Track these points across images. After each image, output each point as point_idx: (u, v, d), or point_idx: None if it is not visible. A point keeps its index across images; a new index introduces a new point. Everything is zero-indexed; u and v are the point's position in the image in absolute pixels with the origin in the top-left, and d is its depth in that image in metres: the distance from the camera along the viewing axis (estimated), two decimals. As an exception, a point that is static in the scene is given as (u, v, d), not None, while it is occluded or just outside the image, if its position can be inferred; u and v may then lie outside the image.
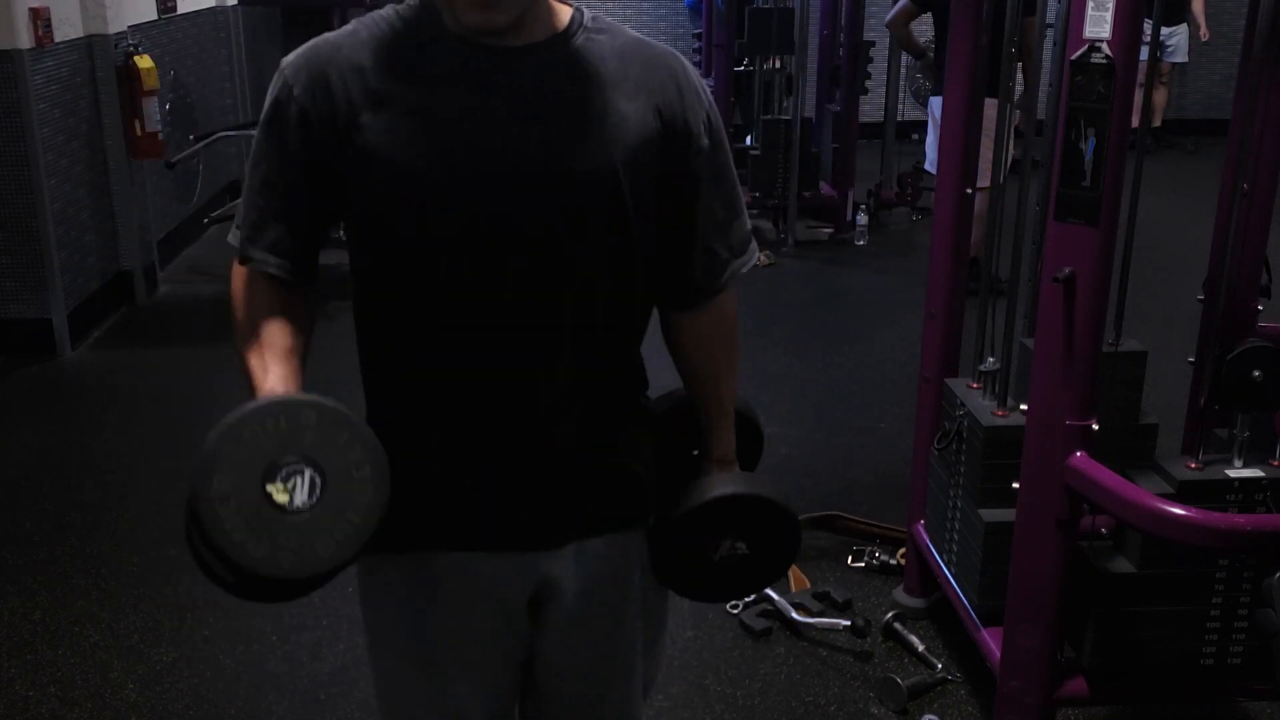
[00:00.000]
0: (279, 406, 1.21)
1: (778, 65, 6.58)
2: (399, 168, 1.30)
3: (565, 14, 1.37)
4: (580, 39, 1.36)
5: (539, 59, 1.33)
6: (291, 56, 1.36)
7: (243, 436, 1.17)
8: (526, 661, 1.55)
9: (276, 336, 1.35)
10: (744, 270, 1.48)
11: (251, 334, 1.36)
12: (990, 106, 2.87)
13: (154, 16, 5.80)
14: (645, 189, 1.37)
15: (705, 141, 1.40)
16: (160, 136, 5.31)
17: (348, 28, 1.36)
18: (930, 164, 5.70)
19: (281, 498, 1.17)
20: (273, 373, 1.31)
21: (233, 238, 1.40)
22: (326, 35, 1.37)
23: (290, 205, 1.36)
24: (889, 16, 5.87)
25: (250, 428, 1.18)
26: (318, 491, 1.18)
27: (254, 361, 1.34)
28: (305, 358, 1.39)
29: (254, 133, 1.42)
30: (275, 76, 1.36)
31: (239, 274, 1.40)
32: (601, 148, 1.33)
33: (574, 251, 1.35)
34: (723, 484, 1.52)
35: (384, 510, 1.21)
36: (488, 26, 1.29)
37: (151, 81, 5.18)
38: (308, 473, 1.18)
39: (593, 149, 1.33)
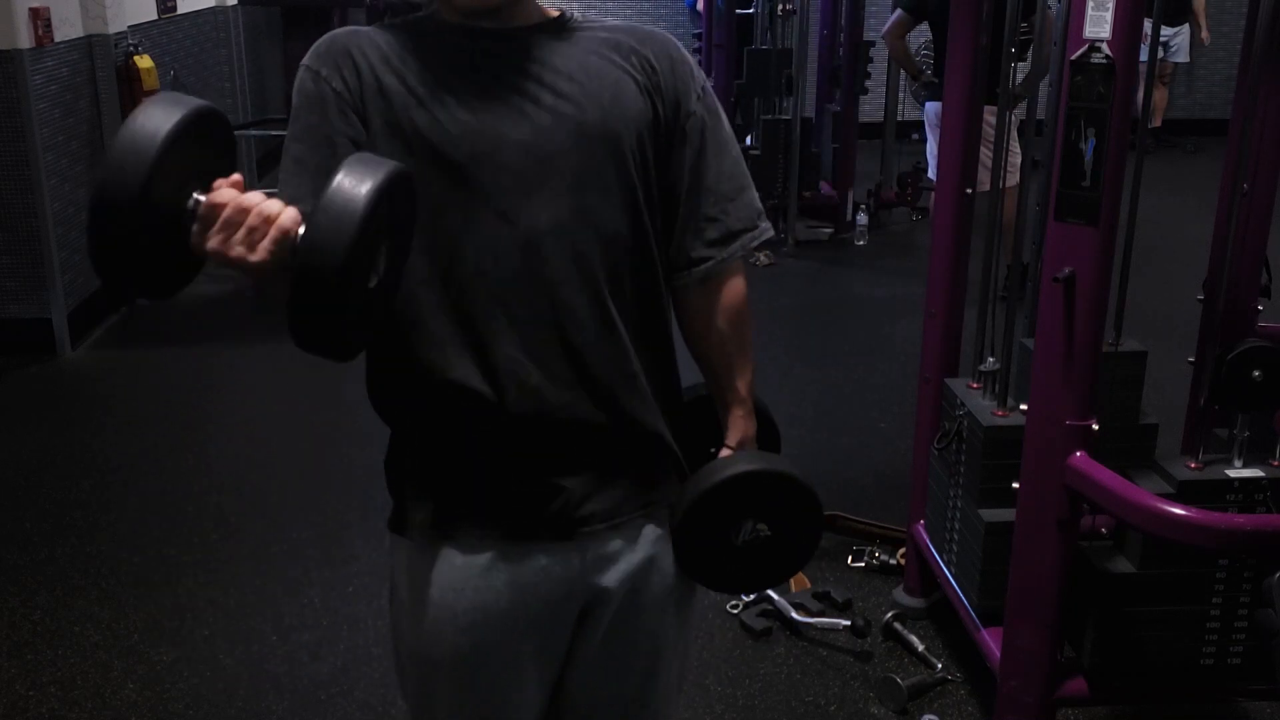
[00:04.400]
0: None
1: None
2: (414, 138, 1.34)
3: (553, 11, 1.45)
4: (569, 26, 1.43)
5: (534, 38, 1.39)
6: (309, 53, 1.41)
7: None
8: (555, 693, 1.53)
9: None
10: (754, 243, 1.48)
11: None
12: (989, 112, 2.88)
13: (154, 16, 5.79)
14: (647, 153, 1.40)
15: (698, 109, 1.44)
16: (160, 136, 5.31)
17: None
18: (933, 171, 5.68)
19: None
20: None
21: None
22: (336, 30, 1.43)
23: (320, 185, 1.39)
24: (884, 29, 5.85)
25: None
26: None
27: None
28: None
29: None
30: (297, 74, 1.40)
31: None
32: (604, 114, 1.37)
33: (578, 227, 1.36)
34: (741, 461, 1.48)
35: None
36: (481, 5, 1.35)
37: (151, 81, 5.18)
38: None
39: (595, 115, 1.36)
